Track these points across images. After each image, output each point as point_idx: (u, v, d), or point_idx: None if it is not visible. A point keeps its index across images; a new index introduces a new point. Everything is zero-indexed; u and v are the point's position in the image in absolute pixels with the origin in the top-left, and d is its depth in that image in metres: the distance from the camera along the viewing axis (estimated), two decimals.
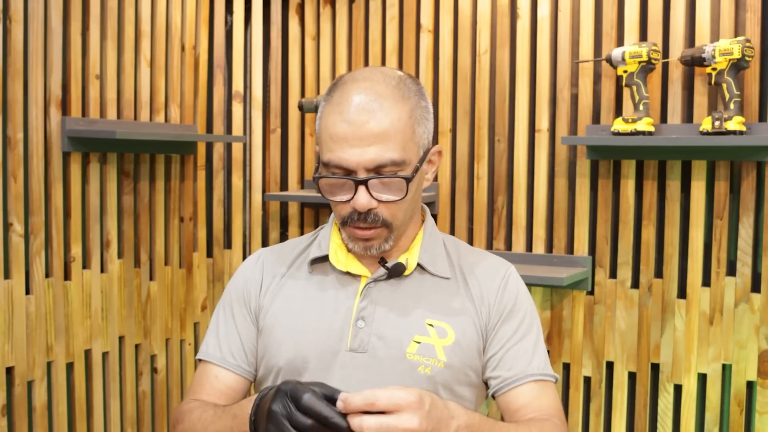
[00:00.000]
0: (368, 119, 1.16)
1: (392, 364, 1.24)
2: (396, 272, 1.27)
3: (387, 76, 1.22)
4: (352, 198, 1.19)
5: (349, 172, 1.19)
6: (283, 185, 2.89)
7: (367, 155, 1.16)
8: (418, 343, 1.24)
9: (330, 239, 1.33)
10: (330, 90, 1.24)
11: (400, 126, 1.18)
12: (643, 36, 2.32)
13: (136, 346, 2.51)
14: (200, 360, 1.36)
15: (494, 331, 1.29)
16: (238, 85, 2.79)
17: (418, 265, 1.30)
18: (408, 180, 1.19)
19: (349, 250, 1.31)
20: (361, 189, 1.18)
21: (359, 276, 1.29)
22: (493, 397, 1.30)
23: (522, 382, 1.27)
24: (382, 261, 1.27)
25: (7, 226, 2.12)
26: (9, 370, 2.13)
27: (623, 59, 2.22)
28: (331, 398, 0.97)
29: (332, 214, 1.36)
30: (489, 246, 2.56)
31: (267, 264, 1.36)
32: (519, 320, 1.30)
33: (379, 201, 1.20)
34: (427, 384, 1.23)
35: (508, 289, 1.31)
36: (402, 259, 1.29)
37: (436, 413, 0.99)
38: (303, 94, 2.85)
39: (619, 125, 2.24)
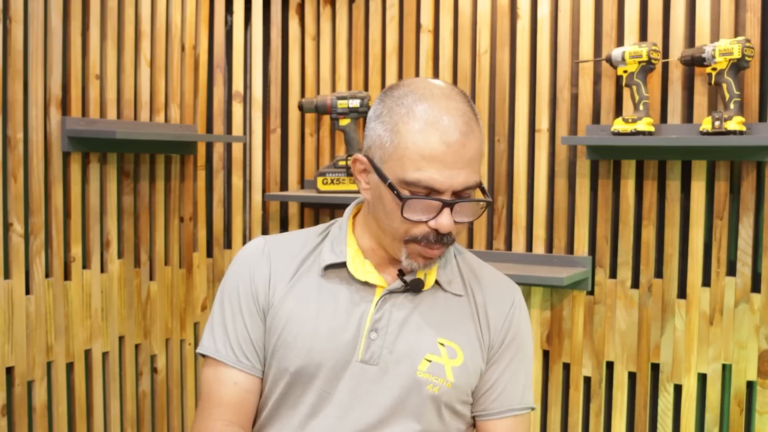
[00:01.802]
0: (465, 142, 1.16)
1: (401, 380, 1.24)
2: (414, 288, 1.26)
3: (457, 92, 1.21)
4: (434, 218, 1.17)
5: (434, 193, 1.17)
6: (283, 185, 2.89)
7: (459, 178, 1.16)
8: (429, 361, 1.24)
9: (346, 244, 1.29)
10: (402, 102, 1.18)
11: (480, 150, 1.20)
12: (643, 36, 2.32)
13: (136, 346, 2.51)
14: (206, 356, 1.30)
15: (493, 357, 1.30)
16: (238, 85, 2.79)
17: (435, 281, 1.29)
18: (489, 203, 1.22)
19: (365, 258, 1.29)
20: (446, 211, 1.17)
21: (375, 286, 1.27)
22: (472, 417, 1.32)
23: (501, 416, 1.30)
24: (401, 274, 1.26)
25: (7, 226, 2.12)
26: (9, 370, 2.13)
27: (623, 59, 2.22)
28: None
29: (346, 213, 1.33)
30: (489, 246, 2.56)
31: (275, 257, 1.31)
32: (516, 349, 1.32)
33: (456, 222, 1.19)
34: (431, 402, 1.24)
35: (515, 319, 1.32)
36: (420, 274, 1.27)
37: None
38: (303, 94, 2.85)
39: (619, 125, 2.24)
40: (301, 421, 1.26)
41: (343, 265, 1.28)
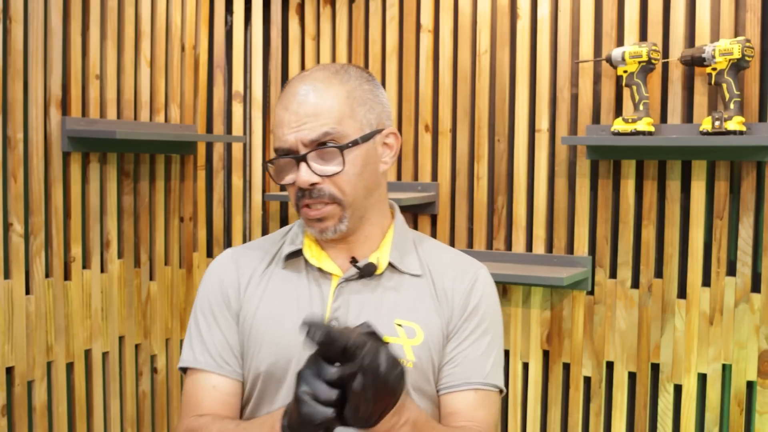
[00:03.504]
0: (303, 101, 1.24)
1: None
2: (367, 272, 1.28)
3: (329, 66, 1.30)
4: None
5: (292, 154, 1.24)
6: (283, 185, 2.89)
7: (301, 132, 1.22)
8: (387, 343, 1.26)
9: (304, 234, 1.33)
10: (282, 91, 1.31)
11: (333, 103, 1.24)
12: (643, 36, 2.32)
13: (136, 346, 2.51)
14: (187, 369, 1.32)
15: (453, 330, 1.30)
16: (238, 85, 2.79)
17: (389, 263, 1.30)
18: (341, 149, 1.22)
19: (322, 248, 1.32)
20: (302, 165, 1.23)
21: (331, 275, 1.30)
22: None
23: (460, 389, 1.28)
24: (353, 261, 1.28)
25: (7, 226, 2.12)
26: (9, 370, 2.13)
27: (623, 59, 2.22)
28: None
29: None
30: (489, 246, 2.56)
31: (241, 263, 1.35)
32: (477, 322, 1.30)
33: (321, 176, 1.23)
34: None
35: (475, 290, 1.32)
36: (373, 258, 1.29)
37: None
38: None
39: (619, 125, 2.24)
40: None
41: (300, 253, 1.31)
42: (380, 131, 1.28)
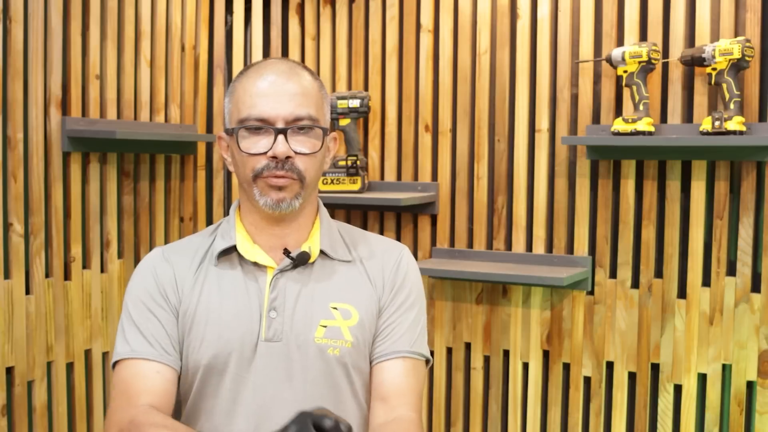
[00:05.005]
0: (287, 80, 1.29)
1: (304, 350, 1.30)
2: (301, 261, 1.33)
3: (292, 60, 1.37)
4: (271, 148, 1.27)
5: (266, 124, 1.28)
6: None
7: (286, 108, 1.27)
8: (325, 327, 1.31)
9: (235, 230, 1.36)
10: (241, 73, 1.34)
11: (313, 91, 1.32)
12: (643, 36, 2.32)
13: None
14: (123, 360, 1.29)
15: (384, 306, 1.37)
16: None
17: (321, 251, 1.36)
18: (324, 131, 1.30)
19: (254, 242, 1.35)
20: (281, 138, 1.27)
21: (266, 267, 1.34)
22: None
23: (390, 357, 1.35)
24: (286, 252, 1.33)
25: (7, 226, 2.12)
26: (9, 370, 2.13)
27: (623, 59, 2.22)
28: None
29: (232, 208, 1.41)
30: (489, 246, 2.56)
31: (174, 260, 1.36)
32: (404, 296, 1.38)
33: (296, 152, 1.28)
34: (337, 365, 1.31)
35: (400, 268, 1.40)
36: (305, 248, 1.35)
37: None
38: None
39: (619, 125, 2.24)
40: (227, 408, 1.30)
41: (234, 249, 1.35)
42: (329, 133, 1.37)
